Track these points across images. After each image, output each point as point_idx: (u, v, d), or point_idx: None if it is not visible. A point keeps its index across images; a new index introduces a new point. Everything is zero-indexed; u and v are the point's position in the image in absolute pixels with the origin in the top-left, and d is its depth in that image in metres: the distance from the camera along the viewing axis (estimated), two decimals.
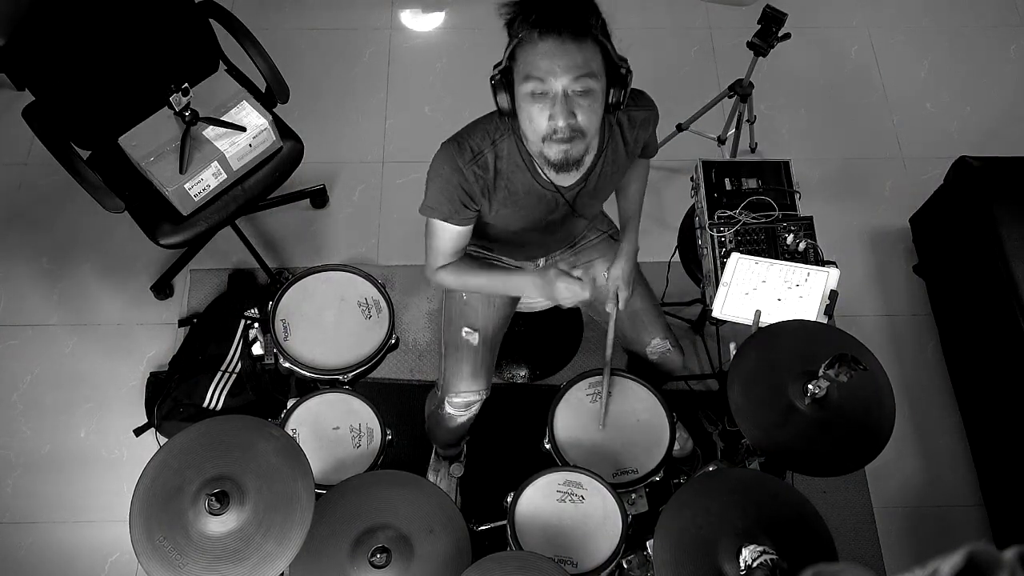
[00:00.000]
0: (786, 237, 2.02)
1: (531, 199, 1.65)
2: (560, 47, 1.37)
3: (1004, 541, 2.26)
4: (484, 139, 1.57)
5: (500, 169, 1.59)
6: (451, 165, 1.56)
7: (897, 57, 3.22)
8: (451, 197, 1.58)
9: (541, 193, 1.64)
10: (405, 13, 3.26)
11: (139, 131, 2.17)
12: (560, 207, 1.70)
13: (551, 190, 1.64)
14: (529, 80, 1.41)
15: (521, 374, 2.54)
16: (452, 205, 1.59)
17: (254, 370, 2.40)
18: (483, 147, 1.57)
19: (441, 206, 1.60)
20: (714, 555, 1.38)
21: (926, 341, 2.67)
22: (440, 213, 1.61)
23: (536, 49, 1.39)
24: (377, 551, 1.48)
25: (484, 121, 1.60)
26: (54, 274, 2.69)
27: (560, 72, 1.39)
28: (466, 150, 1.56)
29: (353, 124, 3.00)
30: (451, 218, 1.61)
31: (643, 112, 1.68)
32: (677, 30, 3.24)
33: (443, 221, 1.62)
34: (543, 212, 1.70)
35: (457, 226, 1.63)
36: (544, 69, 1.39)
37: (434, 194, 1.60)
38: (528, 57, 1.40)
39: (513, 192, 1.62)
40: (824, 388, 1.51)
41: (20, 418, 2.47)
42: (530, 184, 1.62)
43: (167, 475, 1.43)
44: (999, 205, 2.35)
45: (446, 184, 1.58)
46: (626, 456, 1.84)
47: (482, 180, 1.58)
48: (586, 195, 1.71)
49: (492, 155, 1.57)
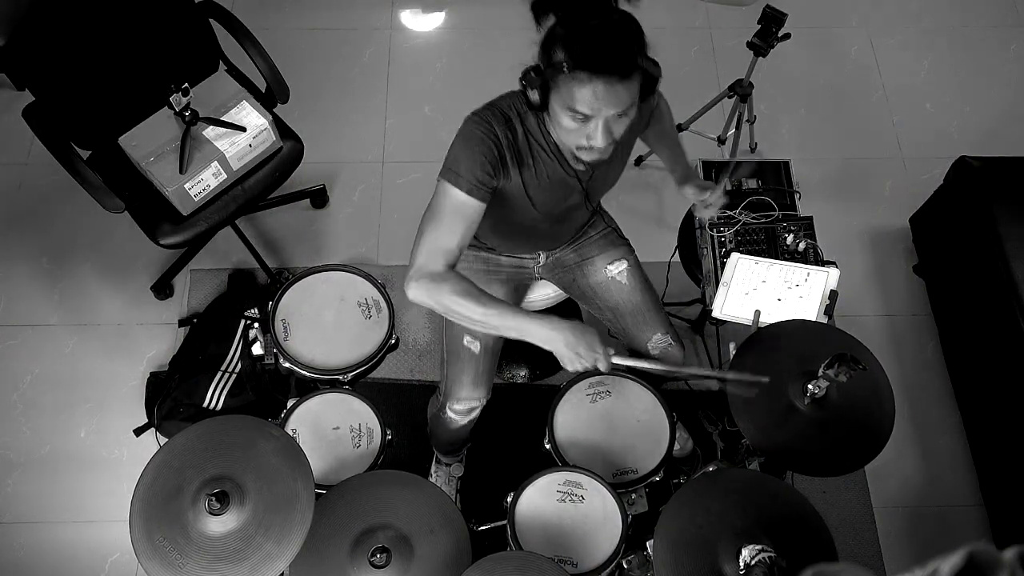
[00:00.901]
0: (786, 237, 2.02)
1: (555, 183, 1.63)
2: (609, 88, 1.35)
3: (1004, 541, 2.26)
4: (510, 109, 1.54)
5: (531, 143, 1.56)
6: (484, 128, 1.50)
7: (897, 57, 3.22)
8: (483, 162, 1.47)
9: (564, 178, 1.63)
10: (405, 13, 3.26)
11: (139, 131, 2.17)
12: (576, 192, 1.69)
13: (571, 174, 1.63)
14: (572, 111, 1.39)
15: (521, 374, 2.54)
16: (483, 170, 1.47)
17: (254, 370, 2.40)
18: (510, 115, 1.54)
19: (471, 170, 1.47)
20: (714, 555, 1.38)
21: (926, 341, 2.67)
22: (467, 181, 1.47)
23: (583, 88, 1.35)
24: (377, 551, 1.48)
25: (507, 97, 1.57)
26: (54, 274, 2.69)
27: (605, 109, 1.38)
28: (497, 114, 1.52)
29: (353, 124, 3.00)
30: (477, 188, 1.47)
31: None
32: (677, 30, 3.24)
33: (469, 193, 1.47)
34: (561, 197, 1.68)
35: (476, 201, 1.48)
36: (590, 107, 1.37)
37: (461, 155, 1.48)
38: (572, 91, 1.36)
39: (539, 175, 1.60)
40: (824, 388, 1.51)
41: (20, 418, 2.47)
42: (555, 169, 1.60)
43: (167, 475, 1.43)
44: (999, 205, 2.35)
45: (479, 144, 1.47)
46: (626, 456, 1.84)
47: (513, 145, 1.53)
48: (599, 180, 1.71)
49: (520, 125, 1.54)
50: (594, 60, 1.33)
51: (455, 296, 1.46)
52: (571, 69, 1.34)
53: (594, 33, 1.34)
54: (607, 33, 1.35)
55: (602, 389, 1.91)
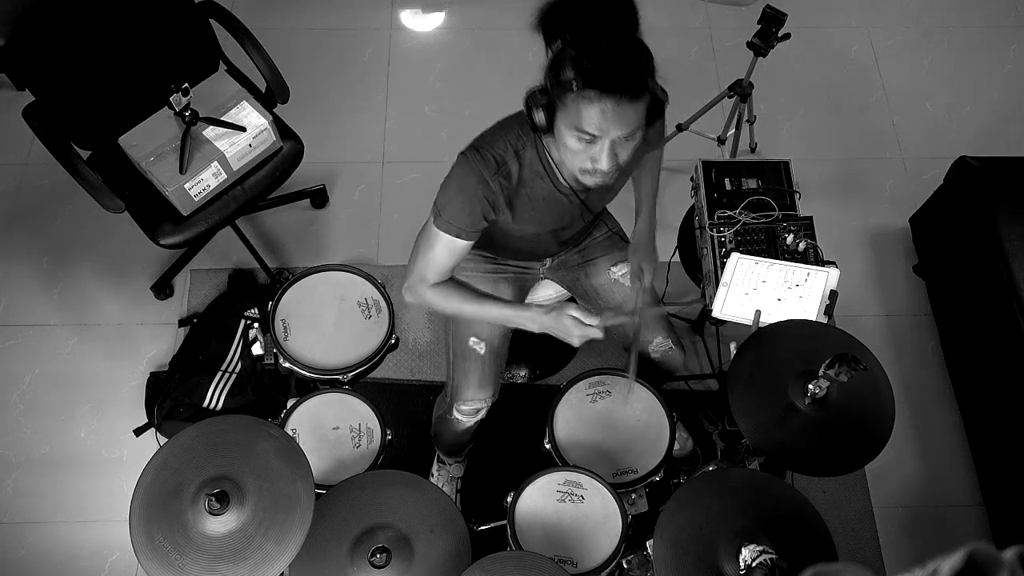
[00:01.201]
0: (786, 237, 2.02)
1: (549, 204, 1.64)
2: (617, 108, 1.34)
3: (1004, 541, 2.26)
4: (507, 149, 1.53)
5: (523, 179, 1.57)
6: (476, 177, 1.52)
7: (897, 57, 3.22)
8: (473, 210, 1.54)
9: (558, 198, 1.64)
10: (405, 13, 3.26)
11: (139, 131, 2.17)
12: (574, 208, 1.70)
13: (568, 194, 1.64)
14: (579, 131, 1.38)
15: (521, 374, 2.54)
16: (472, 219, 1.55)
17: (254, 370, 2.40)
18: (507, 157, 1.53)
19: (460, 220, 1.55)
20: (714, 555, 1.38)
21: (926, 341, 2.67)
22: (456, 228, 1.56)
23: (591, 107, 1.34)
24: (377, 551, 1.48)
25: (502, 130, 1.56)
26: (54, 274, 2.69)
27: (612, 130, 1.37)
28: (490, 161, 1.52)
29: (353, 124, 3.00)
30: (466, 233, 1.57)
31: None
32: (677, 30, 3.24)
33: (458, 237, 1.57)
34: (558, 215, 1.70)
35: (465, 241, 1.59)
36: (598, 127, 1.36)
37: (455, 208, 1.55)
38: (580, 110, 1.35)
39: (533, 199, 1.61)
40: (824, 388, 1.51)
41: (20, 418, 2.47)
42: (550, 190, 1.61)
43: (167, 475, 1.43)
44: (999, 205, 2.35)
45: (471, 197, 1.52)
46: (626, 456, 1.84)
47: (507, 191, 1.55)
48: (595, 199, 1.72)
49: (516, 165, 1.54)
50: (604, 79, 1.32)
51: (448, 300, 1.69)
52: (580, 88, 1.33)
53: (605, 53, 1.33)
54: (618, 53, 1.34)
55: (602, 389, 1.91)
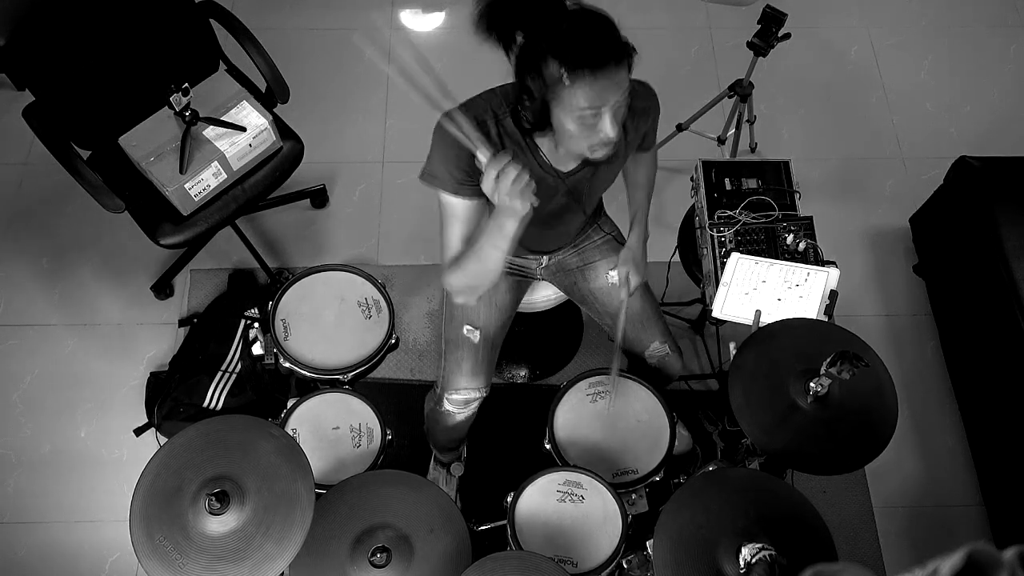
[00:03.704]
0: (786, 237, 2.02)
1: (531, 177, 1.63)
2: (610, 79, 1.37)
3: (1004, 541, 2.25)
4: (487, 111, 1.55)
5: (505, 145, 1.57)
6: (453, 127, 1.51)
7: (897, 57, 3.22)
8: (452, 160, 1.51)
9: (542, 176, 1.62)
10: (405, 13, 3.26)
11: (139, 131, 2.18)
12: (560, 195, 1.69)
13: (552, 174, 1.62)
14: (582, 111, 1.40)
15: (521, 374, 2.54)
16: (454, 171, 1.52)
17: (254, 370, 2.40)
18: (486, 117, 1.55)
19: (442, 172, 1.53)
20: (714, 555, 1.38)
21: (926, 341, 2.67)
22: (442, 182, 1.54)
23: (588, 88, 1.36)
24: (377, 551, 1.48)
25: (486, 96, 1.58)
26: (54, 274, 2.69)
27: (612, 97, 1.40)
28: (469, 117, 1.51)
29: (353, 124, 3.00)
30: (456, 190, 1.54)
31: (644, 102, 1.67)
32: (677, 30, 3.24)
33: (449, 194, 1.55)
34: (543, 199, 1.65)
35: (465, 199, 1.54)
36: (599, 100, 1.38)
37: (435, 159, 1.55)
38: (577, 94, 1.37)
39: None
40: (826, 386, 1.51)
41: (20, 418, 2.47)
42: (531, 166, 1.59)
43: (167, 475, 1.43)
44: (999, 205, 2.35)
45: (449, 148, 1.50)
46: (626, 456, 1.84)
47: (486, 135, 1.53)
48: (585, 182, 1.69)
49: (495, 127, 1.55)
50: (590, 58, 1.34)
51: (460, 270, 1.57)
52: (571, 75, 1.35)
53: (577, 34, 1.35)
54: (587, 29, 1.36)
55: (602, 389, 1.91)
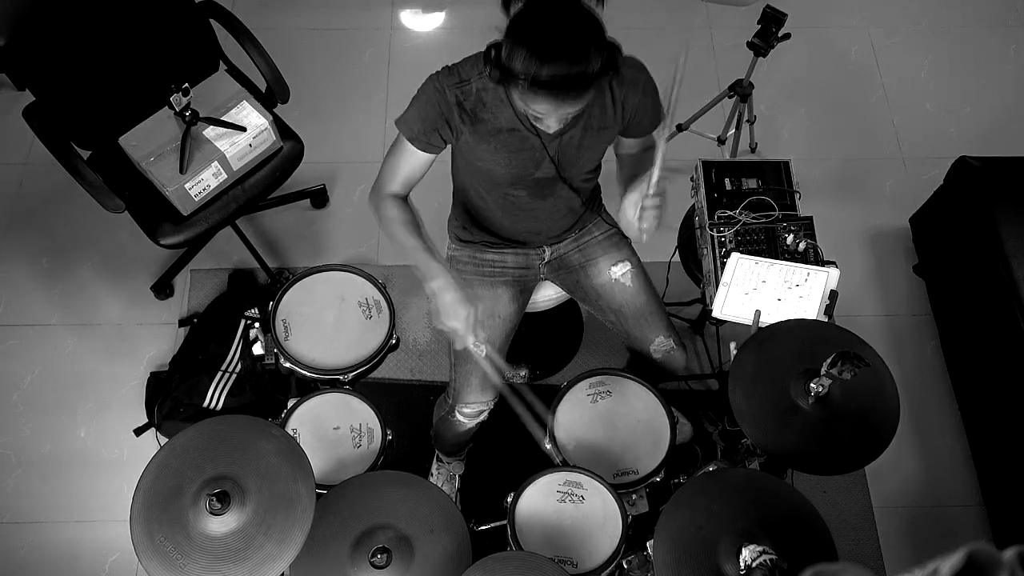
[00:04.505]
0: (786, 237, 2.02)
1: (513, 139, 1.63)
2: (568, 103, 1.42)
3: (1004, 541, 2.25)
4: (473, 68, 1.60)
5: (485, 101, 1.60)
6: (435, 85, 1.60)
7: (897, 57, 3.22)
8: (426, 116, 1.61)
9: (524, 135, 1.63)
10: (405, 13, 3.26)
11: (139, 131, 2.17)
12: (544, 162, 1.68)
13: (532, 132, 1.62)
14: (528, 110, 1.46)
15: (521, 374, 2.54)
16: (425, 125, 1.62)
17: (254, 370, 2.40)
18: (471, 75, 1.59)
19: (413, 123, 1.63)
20: (714, 555, 1.38)
21: (926, 341, 2.67)
22: (411, 130, 1.64)
23: (540, 102, 1.41)
24: (377, 551, 1.48)
25: (477, 56, 1.61)
26: (54, 274, 2.68)
27: (570, 111, 1.46)
28: (454, 74, 1.60)
29: (353, 124, 2.99)
30: (418, 139, 1.64)
31: (632, 72, 1.64)
32: (677, 30, 3.24)
33: (410, 141, 1.65)
34: (527, 161, 1.67)
35: (420, 151, 1.66)
36: (545, 112, 1.44)
37: (412, 110, 1.64)
38: (529, 100, 1.42)
39: (497, 128, 1.62)
40: (827, 386, 1.51)
41: (20, 418, 2.47)
42: (513, 121, 1.62)
43: (167, 475, 1.43)
44: (999, 205, 2.35)
45: (425, 102, 1.61)
46: (626, 457, 1.84)
47: (462, 105, 1.60)
48: (570, 148, 1.67)
49: (479, 83, 1.59)
50: (553, 87, 1.37)
51: (393, 222, 1.70)
52: (527, 88, 1.38)
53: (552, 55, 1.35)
54: (565, 53, 1.35)
55: (602, 389, 1.91)
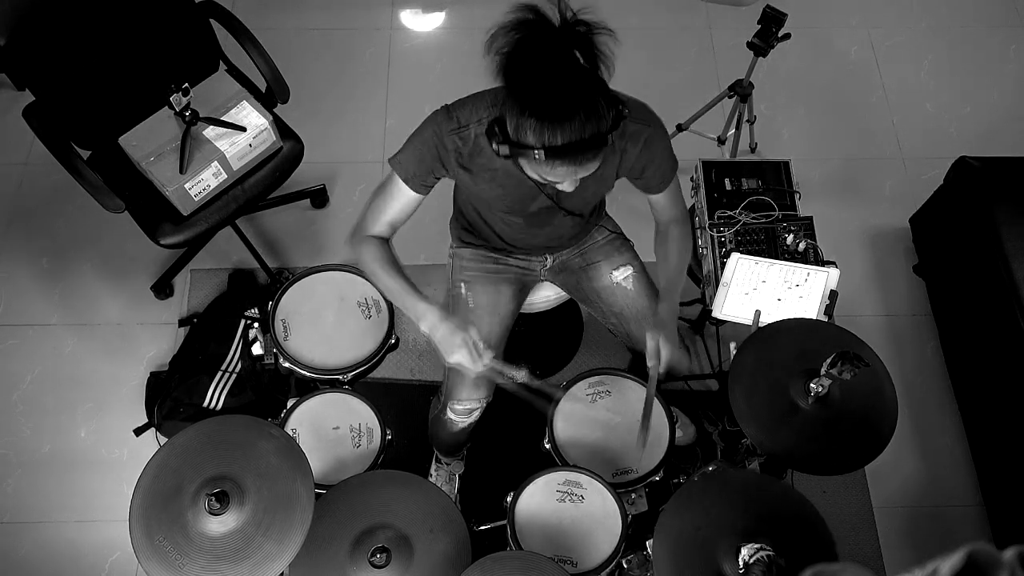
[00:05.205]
0: (786, 237, 2.02)
1: (511, 180, 1.64)
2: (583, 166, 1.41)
3: (1004, 541, 2.25)
4: (473, 114, 1.58)
5: (482, 146, 1.58)
6: (433, 129, 1.60)
7: (897, 57, 3.22)
8: (422, 159, 1.62)
9: (521, 178, 1.61)
10: (405, 13, 3.26)
11: (139, 131, 2.17)
12: (540, 197, 1.69)
13: (529, 180, 1.60)
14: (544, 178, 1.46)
15: (521, 374, 2.53)
16: (420, 167, 1.63)
17: (254, 370, 2.40)
18: (470, 120, 1.58)
19: (408, 164, 1.64)
20: (713, 555, 1.38)
21: (926, 341, 2.67)
22: (404, 170, 1.65)
23: (556, 169, 1.41)
24: (377, 551, 1.48)
25: (478, 97, 1.61)
26: (54, 274, 2.69)
27: (585, 174, 1.45)
28: (453, 119, 1.59)
29: (353, 124, 2.99)
30: (411, 180, 1.65)
31: (636, 125, 1.60)
32: (677, 30, 3.24)
33: (404, 181, 1.66)
34: (524, 197, 1.68)
35: (411, 191, 1.66)
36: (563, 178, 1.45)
37: (408, 151, 1.65)
38: (545, 169, 1.42)
39: (493, 169, 1.62)
40: (827, 386, 1.51)
41: (20, 418, 2.47)
42: (510, 169, 1.60)
43: (167, 475, 1.43)
44: (999, 205, 2.35)
45: (423, 145, 1.62)
46: (626, 456, 1.84)
47: (460, 151, 1.60)
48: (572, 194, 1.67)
49: (477, 129, 1.58)
50: (570, 152, 1.36)
51: (375, 261, 1.70)
52: (543, 159, 1.37)
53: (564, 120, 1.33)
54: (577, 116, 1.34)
55: (602, 389, 1.91)
